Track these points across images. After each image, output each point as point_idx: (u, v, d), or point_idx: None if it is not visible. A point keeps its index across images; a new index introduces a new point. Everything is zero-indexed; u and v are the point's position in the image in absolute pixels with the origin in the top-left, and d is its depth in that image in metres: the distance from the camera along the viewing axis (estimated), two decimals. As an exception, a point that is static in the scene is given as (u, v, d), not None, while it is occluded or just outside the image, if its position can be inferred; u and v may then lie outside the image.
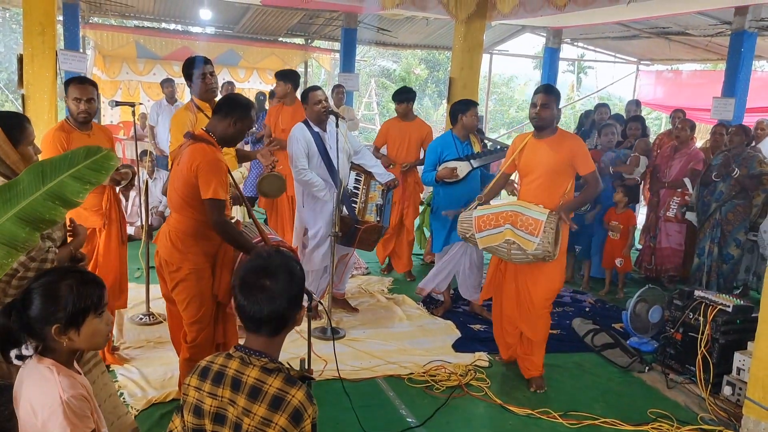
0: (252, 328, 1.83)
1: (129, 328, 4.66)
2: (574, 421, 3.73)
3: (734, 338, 4.10)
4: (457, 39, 6.81)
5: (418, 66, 24.43)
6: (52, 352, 1.88)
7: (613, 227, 6.13)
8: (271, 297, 1.78)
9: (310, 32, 12.84)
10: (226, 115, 3.21)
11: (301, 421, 1.70)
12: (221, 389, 1.78)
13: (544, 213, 3.81)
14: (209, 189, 3.05)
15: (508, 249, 3.89)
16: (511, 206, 3.97)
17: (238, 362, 1.80)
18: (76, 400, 1.83)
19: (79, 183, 1.96)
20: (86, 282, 1.90)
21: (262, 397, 1.72)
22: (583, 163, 3.96)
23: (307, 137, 4.73)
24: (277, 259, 1.87)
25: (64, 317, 1.83)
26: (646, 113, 18.63)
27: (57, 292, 1.84)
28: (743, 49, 8.21)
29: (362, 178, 4.95)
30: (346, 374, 4.03)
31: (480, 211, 4.09)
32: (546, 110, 3.92)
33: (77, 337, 1.87)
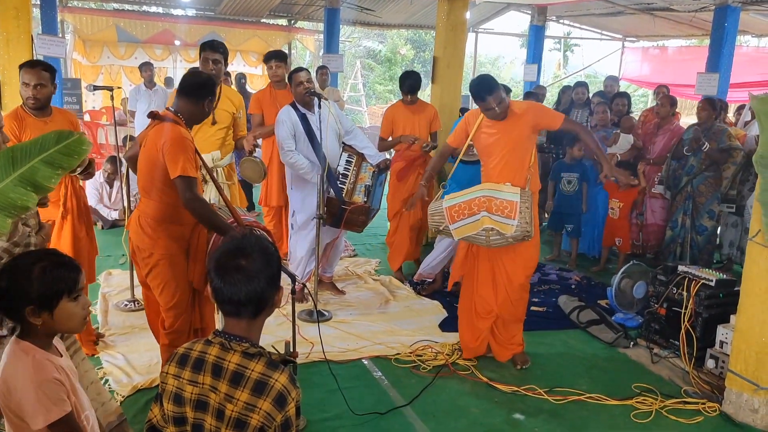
0: (231, 312, 1.79)
1: (114, 315, 4.63)
2: (559, 397, 3.76)
3: (717, 312, 4.14)
4: (440, 17, 6.74)
5: (404, 46, 24.28)
6: (29, 335, 1.89)
7: (613, 205, 6.15)
8: (249, 277, 1.74)
9: (293, 13, 12.71)
10: (188, 92, 3.19)
11: (285, 404, 1.69)
12: (202, 376, 1.75)
13: (516, 193, 3.73)
14: (177, 166, 3.00)
15: (487, 236, 3.79)
16: (482, 191, 3.85)
17: (218, 348, 1.77)
18: (49, 383, 1.82)
19: (50, 168, 1.94)
20: (60, 265, 1.89)
21: (245, 382, 1.70)
22: (550, 120, 3.89)
23: (293, 119, 4.70)
24: (251, 240, 1.84)
25: (37, 298, 1.83)
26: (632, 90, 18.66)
27: (30, 273, 1.83)
28: (727, 24, 8.21)
29: (353, 160, 4.89)
30: (333, 356, 4.03)
31: (449, 201, 3.94)
32: (502, 104, 3.78)
33: (51, 320, 1.87)
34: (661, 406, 3.71)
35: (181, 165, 3.00)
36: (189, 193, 3.02)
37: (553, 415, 3.61)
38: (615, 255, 6.69)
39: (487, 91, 3.74)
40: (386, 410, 3.53)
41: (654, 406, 3.69)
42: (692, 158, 5.78)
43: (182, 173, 3.00)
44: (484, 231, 3.77)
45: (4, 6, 5.17)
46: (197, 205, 3.05)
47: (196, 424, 1.76)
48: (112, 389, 3.55)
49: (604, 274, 6.16)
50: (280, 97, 5.44)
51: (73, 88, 9.97)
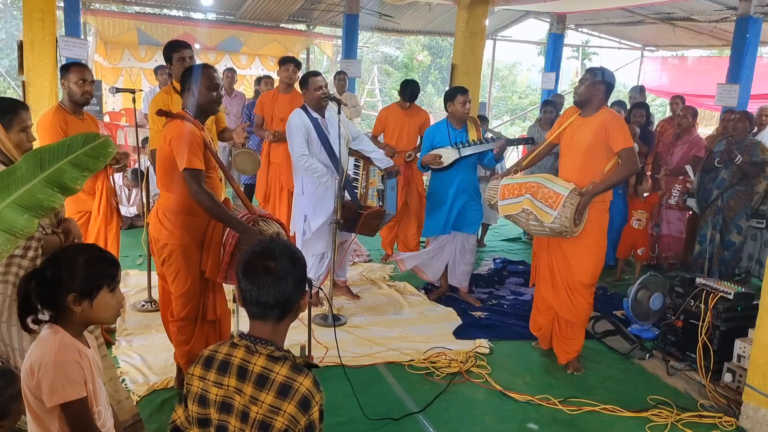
0: (257, 314, 1.81)
1: (131, 315, 4.67)
2: (573, 407, 3.74)
3: (735, 325, 4.09)
4: (460, 25, 6.76)
5: (421, 52, 24.30)
6: (64, 322, 1.98)
7: (639, 216, 6.15)
8: (277, 279, 1.76)
9: (312, 18, 12.78)
10: (183, 89, 3.29)
11: (309, 408, 1.71)
12: (227, 378, 1.77)
13: (567, 188, 3.80)
14: (183, 160, 3.08)
15: (527, 219, 3.92)
16: (537, 178, 3.98)
17: (243, 351, 1.79)
18: (69, 364, 1.89)
19: (77, 170, 1.97)
20: (103, 258, 2.03)
21: (270, 385, 1.72)
22: (615, 139, 3.83)
23: (306, 123, 4.71)
24: (279, 243, 1.87)
25: (80, 287, 1.95)
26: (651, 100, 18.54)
27: (75, 263, 1.95)
28: (748, 34, 8.14)
29: (361, 164, 4.95)
30: (347, 361, 4.04)
31: (507, 180, 4.10)
32: (582, 85, 3.92)
33: (90, 309, 1.97)
34: (677, 419, 3.68)
35: (186, 158, 3.08)
36: (195, 185, 3.11)
37: (567, 425, 3.59)
38: (628, 264, 6.64)
39: (590, 69, 3.99)
40: (399, 416, 3.53)
41: (669, 419, 3.66)
42: (723, 171, 5.72)
43: (188, 165, 3.09)
44: (524, 213, 3.90)
45: (29, 8, 5.27)
46: (202, 197, 3.13)
47: (220, 426, 1.78)
48: (128, 389, 3.59)
49: (619, 284, 6.12)
50: (281, 100, 5.59)
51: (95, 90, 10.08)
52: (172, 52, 4.27)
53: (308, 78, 4.82)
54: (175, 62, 4.26)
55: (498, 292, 5.77)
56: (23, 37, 5.33)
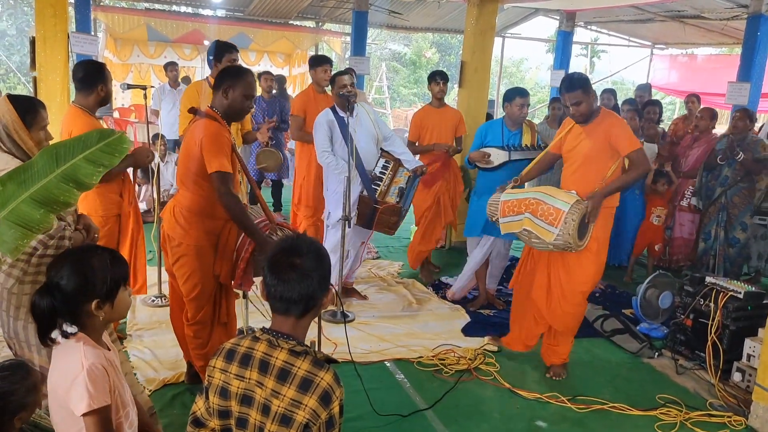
0: (280, 309, 1.84)
1: (141, 310, 4.71)
2: (582, 405, 3.75)
3: (745, 325, 4.08)
4: (469, 22, 6.74)
5: (429, 49, 24.29)
6: (84, 328, 1.98)
7: (659, 212, 6.18)
8: (303, 275, 1.80)
9: (321, 15, 12.79)
10: (218, 87, 3.23)
11: (330, 402, 1.73)
12: (249, 371, 1.79)
13: (568, 203, 3.61)
14: (213, 162, 3.07)
15: (528, 237, 3.79)
16: (537, 193, 3.79)
17: (265, 344, 1.81)
18: (97, 370, 1.89)
19: (92, 165, 1.99)
20: (116, 258, 2.04)
21: (291, 379, 1.74)
22: (621, 143, 3.69)
23: (330, 121, 4.77)
24: (306, 239, 1.90)
25: (103, 292, 1.96)
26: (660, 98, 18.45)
27: (93, 268, 1.95)
28: (759, 32, 8.07)
29: (390, 165, 4.93)
30: (356, 357, 4.04)
31: (507, 195, 3.94)
32: (579, 106, 3.68)
33: (111, 310, 2.00)
34: (686, 418, 3.68)
35: (218, 161, 3.07)
36: (224, 188, 3.09)
37: (575, 423, 3.59)
38: (638, 264, 6.64)
39: (565, 87, 3.72)
40: (408, 413, 3.54)
41: (678, 418, 3.66)
42: (726, 169, 5.71)
43: (219, 168, 3.07)
44: (526, 232, 3.77)
45: (41, 4, 5.29)
46: (230, 201, 3.11)
47: (240, 418, 1.80)
48: (140, 383, 3.61)
49: (629, 283, 6.11)
50: (321, 100, 5.49)
51: (105, 86, 10.12)
52: (224, 53, 4.43)
53: (336, 77, 4.92)
54: (224, 62, 4.37)
55: (507, 290, 5.76)
56: (35, 33, 5.36)
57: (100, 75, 3.68)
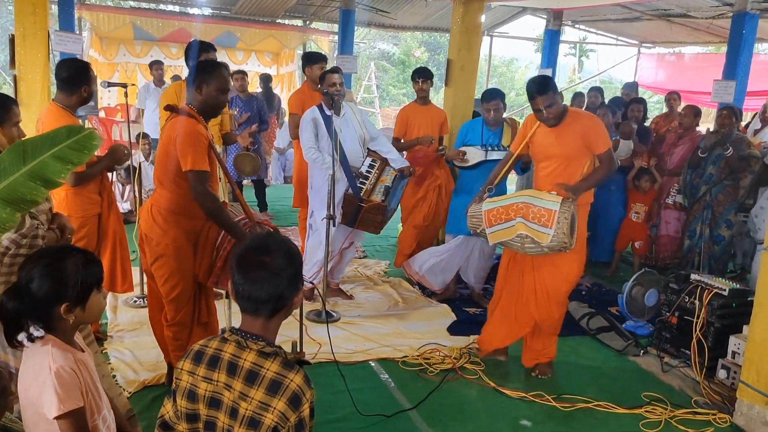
0: (249, 309, 1.79)
1: (123, 311, 4.64)
2: (567, 404, 3.73)
3: (730, 322, 4.08)
4: (455, 20, 6.72)
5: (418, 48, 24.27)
6: (54, 331, 1.92)
7: (638, 209, 6.18)
8: (272, 274, 1.75)
9: (309, 14, 12.72)
10: (191, 84, 3.19)
11: (299, 405, 1.69)
12: (217, 373, 1.75)
13: (556, 202, 3.58)
14: (188, 160, 3.03)
15: (522, 243, 3.69)
16: (522, 197, 3.74)
17: (234, 346, 1.77)
18: (65, 373, 1.84)
19: (60, 163, 1.94)
20: (90, 260, 1.96)
21: (260, 381, 1.70)
22: (596, 142, 3.72)
23: (316, 118, 4.74)
24: (275, 238, 1.85)
25: (73, 295, 1.89)
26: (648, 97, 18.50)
27: (65, 271, 1.88)
28: (745, 31, 8.10)
29: (377, 164, 4.91)
30: (340, 357, 4.02)
31: (489, 204, 3.83)
32: (552, 108, 3.64)
33: (82, 313, 1.93)
34: (671, 416, 3.67)
35: (192, 158, 3.02)
36: (200, 186, 3.05)
37: (560, 422, 3.57)
38: (624, 261, 6.64)
39: (537, 90, 3.64)
40: (392, 413, 3.51)
41: (663, 416, 3.65)
42: (711, 167, 5.71)
43: (192, 167, 3.03)
44: (519, 237, 3.67)
45: (21, 2, 5.23)
46: (206, 200, 3.07)
47: (208, 421, 1.76)
48: (119, 384, 3.56)
49: (615, 280, 6.11)
50: (318, 98, 5.43)
51: (89, 85, 10.02)
52: (201, 53, 4.34)
53: (326, 74, 4.87)
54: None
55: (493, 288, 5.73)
56: (15, 32, 5.29)
57: (85, 75, 3.63)
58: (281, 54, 13.47)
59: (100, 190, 3.81)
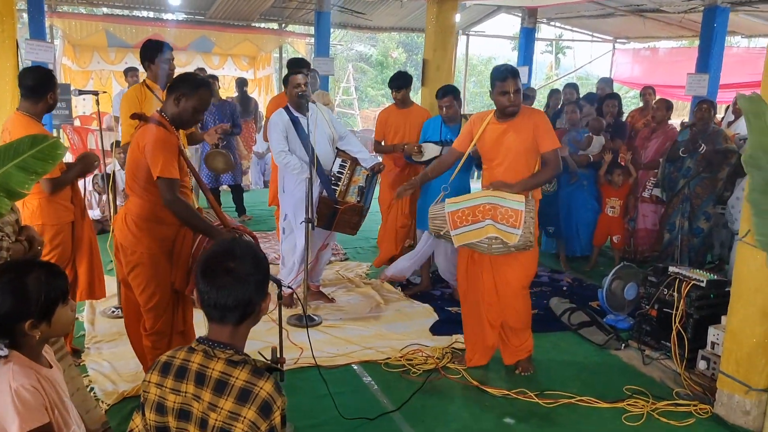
0: (216, 317, 1.75)
1: (100, 322, 4.58)
2: (550, 400, 3.73)
3: (708, 313, 4.12)
4: (430, 20, 6.74)
5: (396, 49, 24.28)
6: (20, 347, 1.87)
7: (613, 203, 6.23)
8: (237, 280, 1.71)
9: (284, 16, 12.67)
10: (171, 92, 3.14)
11: (270, 413, 1.65)
12: (185, 384, 1.71)
13: (521, 202, 3.62)
14: (157, 167, 2.99)
15: (489, 244, 3.69)
16: (486, 198, 3.73)
17: (201, 356, 1.73)
18: (27, 391, 1.79)
19: (24, 173, 1.90)
20: (53, 274, 1.90)
21: (229, 390, 1.66)
22: (544, 140, 3.75)
23: (285, 120, 4.70)
24: (241, 243, 1.81)
25: (37, 311, 1.83)
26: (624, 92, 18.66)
27: (27, 287, 1.82)
28: (716, 24, 8.22)
29: (347, 164, 4.89)
30: (322, 361, 3.99)
31: (452, 205, 3.81)
32: (518, 95, 3.69)
33: (48, 328, 1.88)
34: (653, 408, 3.68)
35: (161, 166, 2.99)
36: (170, 194, 3.02)
37: (543, 418, 3.57)
38: (603, 255, 6.69)
39: (512, 71, 3.71)
40: (375, 416, 3.49)
41: (645, 409, 3.67)
42: (688, 160, 5.75)
43: (161, 174, 2.99)
44: (488, 239, 3.67)
45: (-13, 11, 5.11)
46: (177, 207, 3.05)
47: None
48: (97, 397, 3.51)
49: (594, 275, 6.14)
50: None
51: (63, 94, 9.87)
52: (157, 52, 4.20)
53: (289, 76, 4.84)
54: (159, 63, 4.20)
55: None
56: (-18, 41, 5.18)
57: (50, 83, 3.60)
58: (257, 58, 13.40)
59: (72, 197, 3.76)
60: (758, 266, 3.39)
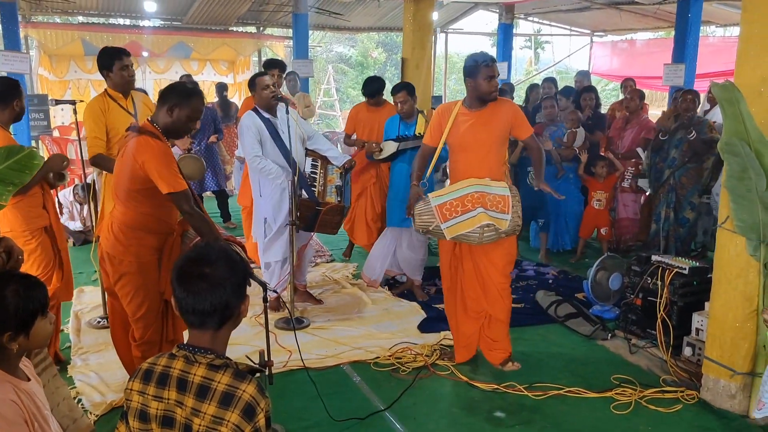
0: (195, 323, 1.75)
1: (86, 332, 4.53)
2: (539, 392, 3.76)
3: (692, 300, 4.16)
4: (407, 18, 6.75)
5: (376, 49, 24.26)
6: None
7: (599, 197, 6.29)
8: (213, 285, 1.71)
9: (262, 20, 12.62)
10: (163, 102, 3.10)
11: (254, 415, 1.65)
12: (167, 391, 1.71)
13: (505, 187, 3.68)
14: (167, 183, 2.95)
15: (481, 233, 3.65)
16: (472, 187, 3.70)
17: (182, 361, 1.73)
18: (4, 404, 1.77)
19: (1, 185, 1.88)
20: (31, 286, 1.88)
21: (211, 395, 1.66)
22: (521, 128, 3.82)
23: (257, 123, 4.65)
24: (215, 247, 1.81)
25: (15, 325, 1.81)
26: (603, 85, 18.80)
27: (5, 300, 1.80)
28: (690, 15, 8.30)
29: (318, 163, 4.89)
30: (312, 363, 3.99)
31: (438, 198, 3.74)
32: (495, 80, 3.75)
33: (26, 341, 1.86)
34: (641, 396, 3.72)
35: (170, 181, 2.96)
36: (187, 206, 3.02)
37: (533, 411, 3.60)
38: (590, 247, 6.73)
39: (491, 59, 3.74)
40: (366, 415, 3.49)
41: (633, 397, 3.70)
42: (673, 150, 5.79)
43: (173, 189, 2.96)
44: (480, 228, 3.64)
45: (-40, 23, 5.06)
46: (196, 220, 3.05)
47: None
48: (85, 409, 3.48)
49: (580, 267, 6.19)
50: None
51: (40, 104, 9.77)
52: (113, 60, 4.09)
53: (256, 78, 4.78)
54: (117, 70, 4.09)
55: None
56: (-44, 53, 5.13)
57: (16, 90, 3.62)
58: (237, 62, 13.34)
59: (44, 202, 3.73)
60: (738, 251, 3.44)
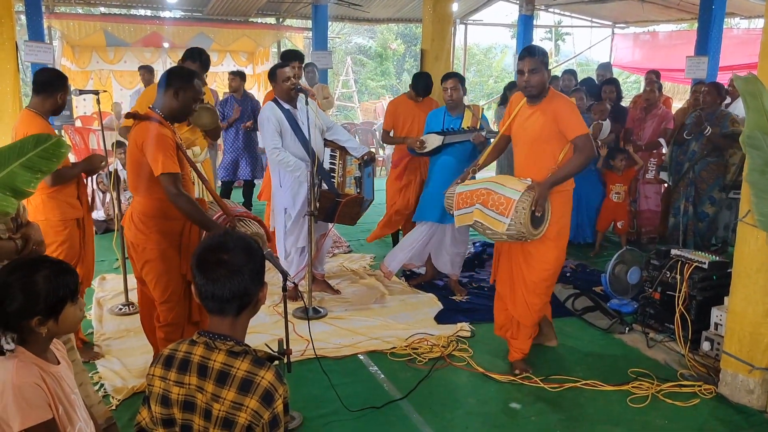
0: (215, 310, 1.79)
1: (108, 319, 4.62)
2: (555, 384, 3.76)
3: (711, 294, 4.14)
4: (426, 9, 6.72)
5: (395, 41, 24.19)
6: (27, 343, 1.89)
7: (618, 189, 6.24)
8: (232, 272, 1.74)
9: (282, 11, 12.67)
10: (167, 88, 3.20)
11: (272, 401, 1.69)
12: (188, 377, 1.75)
13: (519, 191, 3.48)
14: (158, 164, 3.06)
15: (483, 229, 3.67)
16: (487, 183, 3.68)
17: (203, 348, 1.77)
18: (28, 387, 1.81)
19: (29, 172, 1.93)
20: (62, 272, 1.92)
21: (231, 381, 1.70)
22: (568, 126, 3.56)
23: (277, 115, 4.67)
24: (232, 235, 1.85)
25: (44, 309, 1.85)
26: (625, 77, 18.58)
27: (35, 285, 1.84)
28: (714, 6, 8.18)
29: (337, 154, 4.91)
30: (328, 352, 4.03)
31: (463, 187, 3.78)
32: (535, 75, 3.54)
33: (56, 326, 1.89)
34: (658, 390, 3.71)
35: (162, 162, 3.05)
36: (173, 189, 3.08)
37: (549, 403, 3.60)
38: (608, 241, 6.70)
39: (528, 51, 3.62)
40: (382, 404, 3.52)
41: (650, 391, 3.70)
42: (694, 143, 5.73)
43: (164, 170, 3.06)
44: (479, 224, 3.67)
45: (-15, 14, 5.13)
46: (181, 201, 3.10)
47: (184, 425, 1.76)
48: (108, 393, 3.55)
49: (598, 261, 6.17)
50: None
51: (64, 94, 9.93)
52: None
53: (275, 70, 4.79)
54: None
55: (478, 275, 5.78)
56: (-19, 44, 5.20)
57: (63, 83, 3.70)
58: (256, 53, 13.41)
59: (79, 194, 3.80)
60: (759, 246, 3.42)
